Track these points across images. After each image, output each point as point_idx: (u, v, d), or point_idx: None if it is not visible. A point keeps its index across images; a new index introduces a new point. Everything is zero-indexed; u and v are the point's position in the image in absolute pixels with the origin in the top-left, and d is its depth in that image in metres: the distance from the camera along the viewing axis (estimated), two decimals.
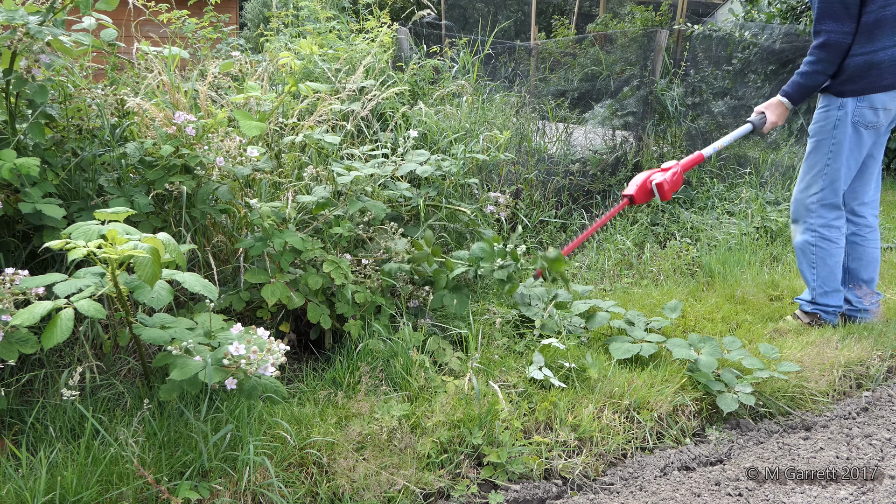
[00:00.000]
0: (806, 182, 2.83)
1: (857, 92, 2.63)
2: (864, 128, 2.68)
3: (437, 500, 1.83)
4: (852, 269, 2.92)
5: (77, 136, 2.30)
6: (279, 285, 2.21)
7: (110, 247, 1.56)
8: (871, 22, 2.55)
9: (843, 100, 2.67)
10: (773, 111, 2.85)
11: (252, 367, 1.66)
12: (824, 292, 2.85)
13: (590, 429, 2.07)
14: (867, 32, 2.57)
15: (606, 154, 4.76)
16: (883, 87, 2.61)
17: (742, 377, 2.35)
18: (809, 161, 2.82)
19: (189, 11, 4.01)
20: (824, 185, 2.77)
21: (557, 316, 2.66)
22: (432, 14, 4.36)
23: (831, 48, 2.59)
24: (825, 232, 2.80)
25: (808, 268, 2.86)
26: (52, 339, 1.54)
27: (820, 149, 2.76)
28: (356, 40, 3.87)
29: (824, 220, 2.80)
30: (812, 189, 2.81)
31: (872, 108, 2.64)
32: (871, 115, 2.65)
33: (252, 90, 2.35)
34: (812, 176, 2.80)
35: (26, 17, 1.92)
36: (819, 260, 2.82)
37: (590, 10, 11.56)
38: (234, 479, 1.71)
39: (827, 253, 2.81)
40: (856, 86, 2.63)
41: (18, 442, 1.77)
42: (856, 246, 2.89)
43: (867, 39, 2.57)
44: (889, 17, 2.54)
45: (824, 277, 2.83)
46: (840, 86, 2.66)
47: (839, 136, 2.70)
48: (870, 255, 2.89)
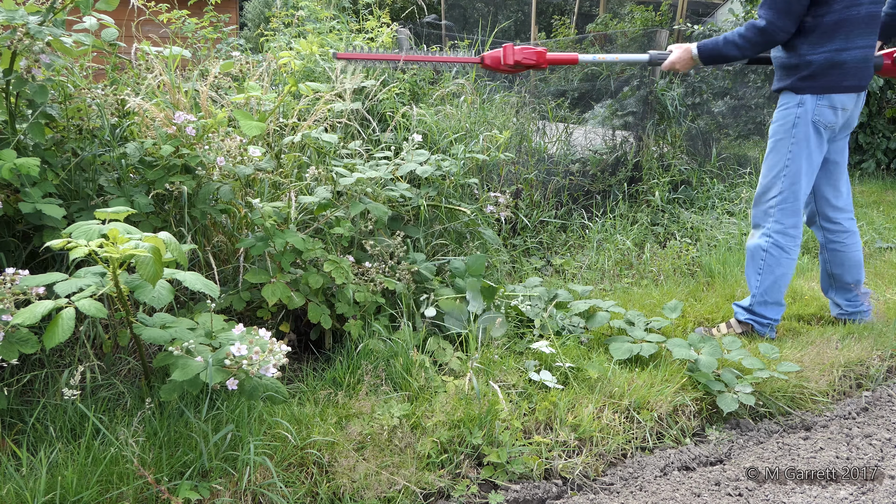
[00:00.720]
0: (765, 185, 2.73)
1: (817, 90, 2.56)
2: (823, 128, 2.60)
3: (437, 500, 1.83)
4: (836, 275, 2.86)
5: (77, 136, 2.30)
6: (279, 285, 2.21)
7: (112, 246, 1.56)
8: (833, 22, 2.48)
9: (802, 97, 2.59)
10: (680, 55, 2.75)
11: (254, 367, 1.66)
12: (764, 302, 2.74)
13: (590, 429, 2.07)
14: (828, 32, 2.50)
15: (606, 154, 4.76)
16: (844, 87, 2.55)
17: (742, 377, 2.35)
18: (769, 162, 2.72)
19: (189, 11, 4.01)
20: (783, 188, 2.66)
21: (558, 316, 2.66)
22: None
23: (760, 34, 2.51)
24: (779, 239, 2.69)
25: (754, 273, 2.75)
26: (54, 338, 1.54)
27: (779, 149, 2.67)
28: (356, 40, 3.87)
29: (781, 225, 2.68)
30: (772, 192, 2.70)
31: (832, 107, 2.57)
32: (831, 115, 2.58)
33: (252, 90, 2.35)
34: (772, 178, 2.70)
35: (26, 17, 1.92)
36: (766, 267, 2.71)
37: (590, 10, 11.56)
38: (235, 479, 1.71)
39: (776, 261, 2.70)
40: (816, 83, 2.56)
41: (19, 442, 1.77)
42: (836, 253, 2.82)
43: (828, 38, 2.50)
44: (855, 19, 2.48)
45: (767, 287, 2.72)
46: (799, 82, 2.59)
47: (799, 135, 2.61)
48: (851, 260, 2.81)
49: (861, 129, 6.75)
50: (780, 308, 2.76)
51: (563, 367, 2.31)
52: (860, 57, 2.53)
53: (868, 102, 6.63)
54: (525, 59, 2.78)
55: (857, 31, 2.49)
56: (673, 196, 4.59)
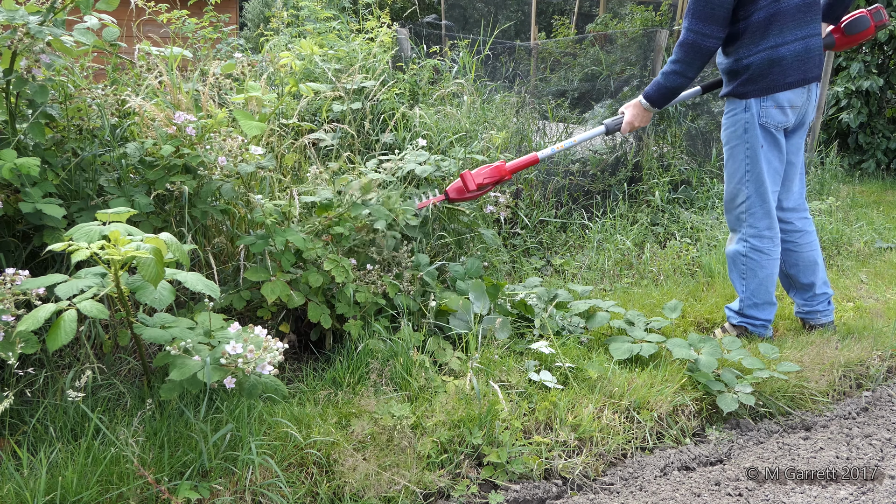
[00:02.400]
0: (731, 192, 2.68)
1: (759, 92, 2.48)
2: (773, 129, 2.53)
3: (437, 500, 1.83)
4: (792, 275, 2.81)
5: (77, 136, 2.30)
6: (279, 283, 2.21)
7: (113, 248, 1.56)
8: (764, 18, 2.41)
9: (746, 101, 2.52)
10: (632, 111, 2.71)
11: (249, 366, 1.66)
12: (753, 304, 2.71)
13: (590, 429, 2.07)
14: (760, 29, 2.43)
15: (606, 154, 4.76)
16: (787, 84, 2.46)
17: (742, 377, 2.35)
18: (729, 169, 2.66)
19: (189, 11, 4.01)
20: (749, 193, 2.60)
21: (557, 316, 2.66)
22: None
23: (689, 48, 2.43)
24: (756, 242, 2.64)
25: (739, 278, 2.72)
26: (57, 341, 1.54)
27: (735, 155, 2.61)
28: (356, 40, 3.87)
29: (755, 229, 2.64)
30: (738, 199, 2.65)
31: (779, 106, 2.49)
32: (779, 115, 2.50)
33: (253, 90, 2.35)
34: (735, 185, 2.65)
35: (26, 17, 1.92)
36: (749, 271, 2.68)
37: (590, 10, 11.56)
38: (235, 478, 1.71)
39: (758, 264, 2.65)
40: (757, 86, 2.48)
41: (20, 442, 1.77)
42: (789, 252, 2.77)
43: (761, 36, 2.43)
44: (786, 11, 2.40)
45: (754, 289, 2.68)
46: (741, 87, 2.52)
47: (752, 140, 2.54)
48: (806, 259, 2.75)
49: (861, 129, 6.75)
50: (771, 307, 2.73)
51: (563, 367, 2.31)
52: (800, 49, 2.44)
53: (868, 102, 6.63)
54: (487, 180, 2.76)
55: (791, 24, 2.42)
56: (673, 196, 4.59)
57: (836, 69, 6.89)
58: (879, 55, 6.64)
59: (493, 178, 2.77)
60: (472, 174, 2.75)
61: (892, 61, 6.63)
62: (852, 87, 6.50)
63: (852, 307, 3.20)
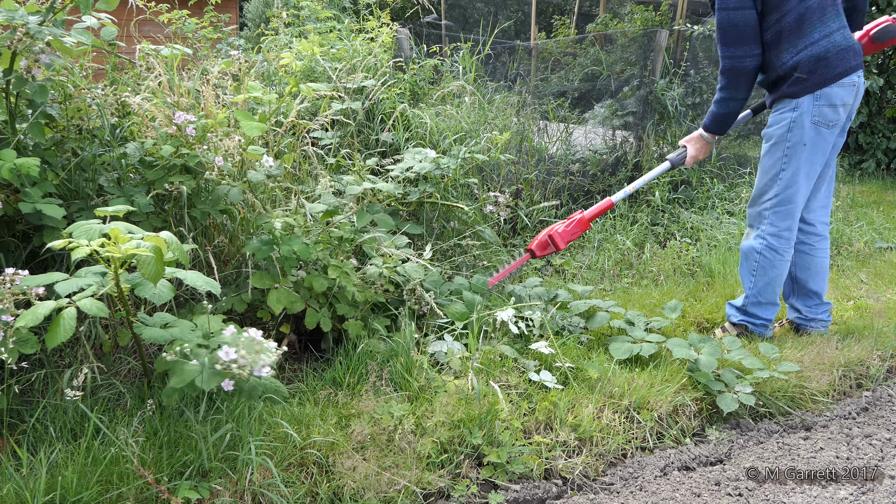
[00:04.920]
0: (761, 187, 2.67)
1: (811, 88, 2.47)
2: (825, 127, 2.51)
3: (437, 500, 1.83)
4: (800, 279, 2.79)
5: (77, 136, 2.30)
6: (284, 292, 2.21)
7: (113, 245, 1.56)
8: (795, 20, 2.43)
9: (797, 100, 2.51)
10: (694, 145, 2.76)
11: (245, 370, 1.64)
12: (758, 302, 2.71)
13: (590, 429, 2.07)
14: (795, 31, 2.44)
15: (606, 154, 4.76)
16: (836, 76, 2.46)
17: (742, 377, 2.35)
18: (764, 164, 2.65)
19: (189, 11, 4.01)
20: (778, 192, 2.60)
21: (558, 316, 2.66)
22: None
23: (731, 74, 2.50)
24: (773, 241, 2.64)
25: (748, 274, 2.72)
26: (56, 338, 1.54)
27: (773, 152, 2.60)
28: (356, 40, 3.87)
29: (775, 228, 2.63)
30: (766, 195, 2.64)
31: (831, 105, 2.48)
32: (832, 114, 2.49)
33: (253, 90, 2.35)
34: (766, 181, 2.64)
35: (26, 17, 1.92)
36: (760, 269, 2.67)
37: (590, 10, 11.57)
38: (234, 479, 1.71)
39: (770, 263, 2.65)
40: (808, 83, 2.47)
41: (20, 442, 1.77)
42: (803, 255, 2.76)
43: (798, 36, 2.45)
44: (815, 8, 2.43)
45: (761, 287, 2.69)
46: (790, 87, 2.51)
47: (794, 139, 2.53)
48: (818, 265, 2.75)
49: (861, 129, 6.75)
50: (774, 308, 2.74)
51: (563, 367, 2.31)
52: (839, 40, 2.46)
53: (868, 102, 6.63)
54: (573, 237, 2.80)
55: (823, 19, 2.44)
56: (673, 196, 4.59)
57: None
58: (879, 55, 6.64)
59: (577, 234, 2.81)
60: (559, 233, 2.77)
61: (892, 61, 6.63)
62: None
63: (852, 307, 3.20)
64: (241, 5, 11.91)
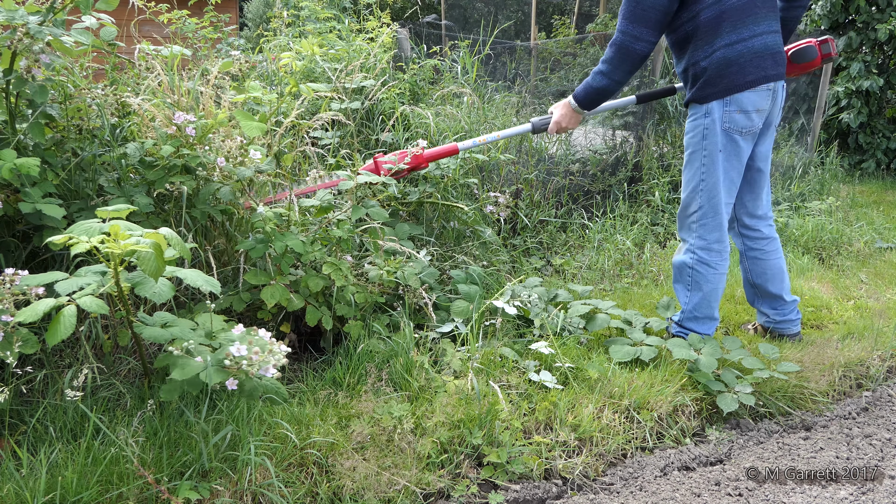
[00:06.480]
0: (685, 200, 2.56)
1: (719, 94, 2.35)
2: (738, 134, 2.39)
3: (437, 500, 1.83)
4: (759, 285, 2.71)
5: (77, 136, 2.30)
6: (279, 287, 2.21)
7: (113, 242, 1.56)
8: (714, 17, 2.29)
9: (707, 105, 2.38)
10: (560, 111, 2.63)
11: (253, 368, 1.66)
12: (694, 318, 2.60)
13: (590, 429, 2.07)
14: (712, 29, 2.31)
15: (606, 154, 4.76)
16: (747, 83, 2.32)
17: (742, 377, 2.35)
18: (685, 176, 2.54)
19: (189, 11, 4.01)
20: (702, 203, 2.49)
21: (558, 316, 2.66)
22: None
23: (617, 50, 2.35)
24: (704, 255, 2.53)
25: (683, 290, 2.61)
26: (56, 336, 1.54)
27: (693, 162, 2.49)
28: (356, 40, 3.87)
29: (704, 241, 2.52)
30: (691, 207, 2.53)
31: (743, 111, 2.35)
32: (744, 120, 2.37)
33: (253, 90, 2.35)
34: (689, 193, 2.53)
35: (26, 17, 1.92)
36: (694, 283, 2.56)
37: (590, 10, 11.57)
38: (234, 479, 1.71)
39: (703, 278, 2.54)
40: (716, 88, 2.34)
41: (20, 442, 1.77)
42: (756, 261, 2.68)
43: (714, 35, 2.31)
44: (737, 7, 2.29)
45: (697, 303, 2.57)
46: (700, 90, 2.39)
47: (710, 147, 2.41)
48: (773, 268, 2.67)
49: (861, 129, 6.75)
50: (712, 322, 2.62)
51: (563, 367, 2.31)
52: (757, 46, 2.32)
53: (868, 102, 6.63)
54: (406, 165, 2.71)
55: (745, 20, 2.30)
56: (673, 196, 4.59)
57: (837, 69, 6.88)
58: (879, 55, 6.64)
59: (411, 165, 2.74)
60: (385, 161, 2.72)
61: (892, 61, 6.63)
62: (852, 87, 6.50)
63: (852, 307, 3.20)
64: (241, 5, 11.91)
